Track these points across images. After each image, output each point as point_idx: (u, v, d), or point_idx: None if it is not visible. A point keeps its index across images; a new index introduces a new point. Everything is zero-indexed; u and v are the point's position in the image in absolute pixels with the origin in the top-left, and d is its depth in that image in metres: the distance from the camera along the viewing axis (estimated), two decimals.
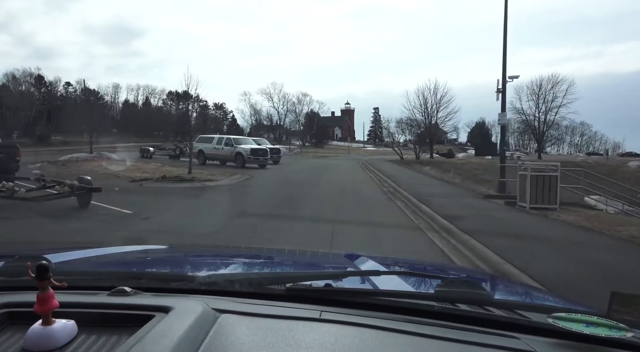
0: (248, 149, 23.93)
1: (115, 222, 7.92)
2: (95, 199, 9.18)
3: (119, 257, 1.72)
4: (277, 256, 2.08)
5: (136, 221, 8.11)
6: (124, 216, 8.62)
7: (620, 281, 4.64)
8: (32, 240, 5.96)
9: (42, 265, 0.80)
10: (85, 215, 8.67)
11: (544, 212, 9.80)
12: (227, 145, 24.48)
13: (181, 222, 8.05)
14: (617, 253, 6.29)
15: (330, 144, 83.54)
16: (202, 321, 0.82)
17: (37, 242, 5.88)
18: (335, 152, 64.41)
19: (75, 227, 7.62)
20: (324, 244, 5.80)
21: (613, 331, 0.83)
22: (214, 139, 25.81)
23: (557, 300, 1.51)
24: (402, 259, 2.32)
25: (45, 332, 0.76)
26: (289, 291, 1.03)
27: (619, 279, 4.80)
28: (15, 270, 1.03)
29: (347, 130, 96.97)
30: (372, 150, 79.09)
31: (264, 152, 24.83)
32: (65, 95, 69.37)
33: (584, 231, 7.89)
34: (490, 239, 6.50)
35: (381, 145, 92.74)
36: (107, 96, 73.52)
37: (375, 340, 0.83)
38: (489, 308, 0.99)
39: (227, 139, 25.42)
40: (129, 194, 12.15)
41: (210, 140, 25.81)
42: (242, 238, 6.38)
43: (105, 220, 8.22)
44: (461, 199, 12.63)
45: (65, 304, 0.83)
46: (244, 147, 24.15)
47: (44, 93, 66.19)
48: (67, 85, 70.48)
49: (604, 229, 7.87)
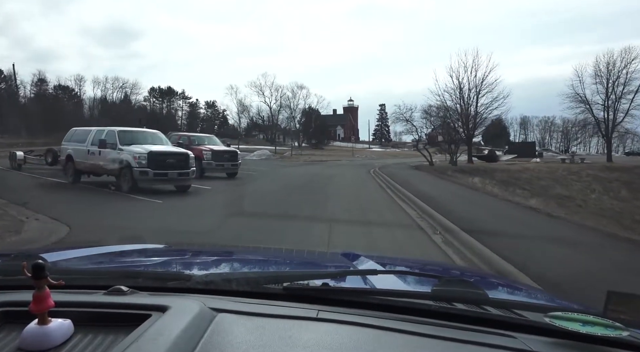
0: (143, 153, 11.58)
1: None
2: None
3: (116, 256, 1.72)
4: (274, 255, 2.08)
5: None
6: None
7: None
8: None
9: (38, 264, 0.79)
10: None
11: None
12: (108, 147, 12.17)
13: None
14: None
15: (332, 145, 74.86)
16: (199, 320, 0.82)
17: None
18: (337, 155, 52.98)
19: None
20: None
21: (609, 330, 0.83)
22: (90, 133, 13.33)
23: (554, 299, 1.52)
24: (399, 259, 2.32)
25: (41, 331, 0.75)
26: (286, 290, 1.03)
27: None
28: (11, 269, 1.03)
29: (351, 129, 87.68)
30: (380, 151, 72.07)
31: (176, 160, 12.07)
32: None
33: None
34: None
35: (388, 145, 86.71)
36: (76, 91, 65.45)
37: (373, 339, 0.83)
38: (485, 307, 1.00)
39: (108, 132, 12.65)
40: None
41: (85, 136, 13.40)
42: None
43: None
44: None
45: (62, 303, 0.83)
46: (136, 151, 11.68)
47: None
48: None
49: None
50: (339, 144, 76.56)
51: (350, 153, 53.61)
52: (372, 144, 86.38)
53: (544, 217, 9.71)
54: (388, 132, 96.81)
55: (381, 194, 13.53)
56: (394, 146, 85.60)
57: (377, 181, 17.83)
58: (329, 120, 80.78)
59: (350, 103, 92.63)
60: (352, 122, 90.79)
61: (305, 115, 72.13)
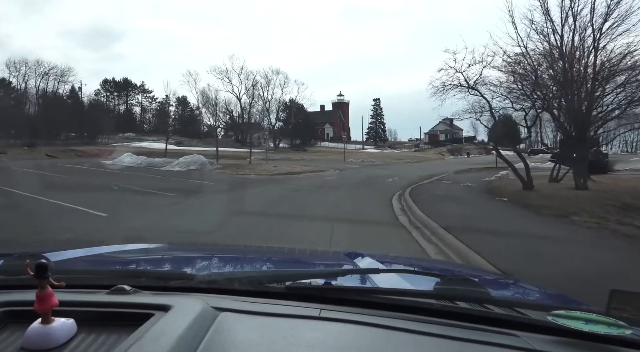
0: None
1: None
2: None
3: (118, 256, 1.72)
4: (276, 254, 2.08)
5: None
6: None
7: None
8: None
9: (42, 263, 0.80)
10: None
11: None
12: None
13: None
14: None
15: (319, 146, 63.17)
16: (201, 320, 0.82)
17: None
18: (324, 159, 38.80)
19: None
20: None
21: (612, 328, 0.83)
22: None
23: (556, 298, 1.52)
24: (402, 257, 2.32)
25: (44, 330, 0.76)
26: (289, 289, 1.03)
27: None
28: (14, 268, 1.03)
29: (341, 127, 74.28)
30: (376, 152, 58.87)
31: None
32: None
33: None
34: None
35: (384, 146, 75.46)
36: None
37: (375, 338, 0.83)
38: (488, 306, 0.99)
39: None
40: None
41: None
42: None
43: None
44: None
45: (65, 302, 0.83)
46: None
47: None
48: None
49: None
50: (327, 145, 65.29)
51: (342, 156, 38.75)
52: (366, 144, 74.35)
53: None
54: (384, 131, 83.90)
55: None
56: (390, 146, 76.76)
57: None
58: (316, 117, 69.43)
59: (340, 98, 78.40)
60: (343, 120, 78.11)
61: (286, 109, 60.58)
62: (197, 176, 20.90)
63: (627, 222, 7.72)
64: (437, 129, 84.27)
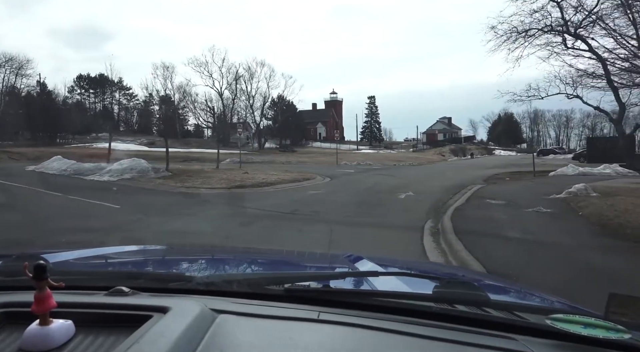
0: None
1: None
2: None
3: (117, 257, 1.72)
4: (275, 256, 2.08)
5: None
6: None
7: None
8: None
9: (40, 265, 0.80)
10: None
11: None
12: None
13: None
14: None
15: (311, 146, 59.88)
16: (200, 322, 0.82)
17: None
18: (314, 161, 35.18)
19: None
20: None
21: (611, 332, 0.83)
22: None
23: (555, 301, 1.52)
24: (400, 261, 2.32)
25: (42, 332, 0.76)
26: (287, 291, 1.03)
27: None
28: (12, 270, 1.03)
29: (334, 127, 66.71)
30: (372, 153, 55.19)
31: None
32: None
33: None
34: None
35: (380, 146, 73.20)
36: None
37: (373, 341, 0.83)
38: (486, 309, 0.99)
39: None
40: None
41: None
42: None
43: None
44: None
45: (63, 304, 0.83)
46: None
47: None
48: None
49: None
50: (319, 145, 61.76)
51: (333, 157, 34.22)
52: (360, 144, 71.08)
53: None
54: (379, 130, 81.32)
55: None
56: (387, 147, 74.01)
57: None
58: (308, 116, 65.13)
59: (333, 96, 74.56)
60: (336, 119, 73.15)
61: (273, 106, 56.05)
62: (120, 188, 13.76)
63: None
64: (435, 128, 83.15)
